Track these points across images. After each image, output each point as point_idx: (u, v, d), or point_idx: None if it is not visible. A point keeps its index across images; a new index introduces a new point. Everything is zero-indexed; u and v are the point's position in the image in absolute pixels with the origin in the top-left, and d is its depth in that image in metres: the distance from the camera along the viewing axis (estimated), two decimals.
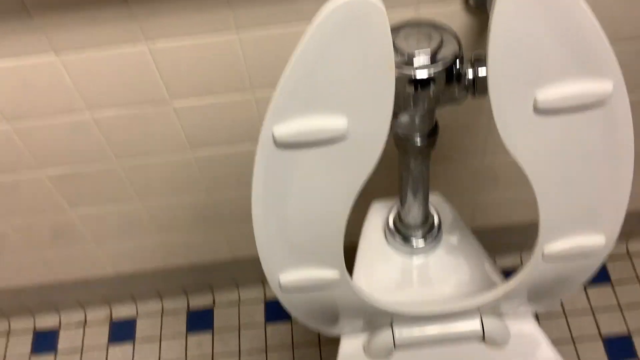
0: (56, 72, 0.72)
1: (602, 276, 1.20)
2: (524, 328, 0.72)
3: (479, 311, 0.70)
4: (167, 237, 1.03)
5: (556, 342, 1.13)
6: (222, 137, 0.83)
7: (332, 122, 0.48)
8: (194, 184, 0.91)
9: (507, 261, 1.23)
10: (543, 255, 0.59)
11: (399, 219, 0.77)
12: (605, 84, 0.47)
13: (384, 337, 0.70)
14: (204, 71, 0.73)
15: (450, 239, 0.79)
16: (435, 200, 0.81)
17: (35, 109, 0.77)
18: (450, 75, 0.54)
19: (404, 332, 0.70)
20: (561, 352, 1.12)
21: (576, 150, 0.51)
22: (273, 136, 0.49)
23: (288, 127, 0.48)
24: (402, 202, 0.73)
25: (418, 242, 0.77)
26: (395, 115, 0.60)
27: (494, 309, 0.70)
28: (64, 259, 1.06)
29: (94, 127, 0.80)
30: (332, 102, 0.47)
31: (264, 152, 0.50)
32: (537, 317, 1.17)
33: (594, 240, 0.58)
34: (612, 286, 1.20)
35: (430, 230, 0.78)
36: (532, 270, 0.62)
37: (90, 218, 0.97)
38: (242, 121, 0.80)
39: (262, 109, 0.78)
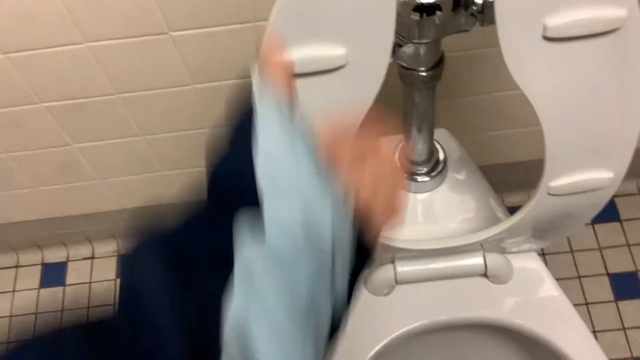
0: (53, 4, 0.70)
1: (611, 214, 1.19)
2: (528, 264, 0.72)
3: (482, 247, 0.70)
4: (171, 173, 1.03)
5: (562, 279, 1.14)
6: (224, 69, 0.81)
7: (330, 51, 0.46)
8: (195, 117, 0.90)
9: (515, 199, 1.22)
10: (549, 189, 0.58)
11: (403, 154, 0.75)
12: (619, 10, 0.44)
13: (385, 272, 0.70)
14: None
15: (456, 175, 0.77)
16: (442, 136, 0.79)
17: (33, 42, 0.75)
18: (458, 1, 0.52)
19: (405, 268, 0.70)
20: (567, 287, 1.12)
21: (587, 81, 0.49)
22: None
23: (286, 56, 0.46)
24: (407, 138, 0.72)
25: (423, 178, 0.75)
26: (400, 45, 0.58)
27: (498, 245, 0.70)
28: (69, 194, 1.06)
29: (92, 60, 0.78)
30: (329, 30, 0.45)
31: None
32: (543, 254, 1.17)
33: (602, 175, 0.57)
34: (621, 224, 1.19)
35: (436, 167, 0.76)
36: (537, 205, 0.60)
37: (94, 153, 0.96)
38: (244, 52, 0.78)
39: None
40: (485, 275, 0.71)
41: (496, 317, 0.68)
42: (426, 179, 0.76)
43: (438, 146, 0.78)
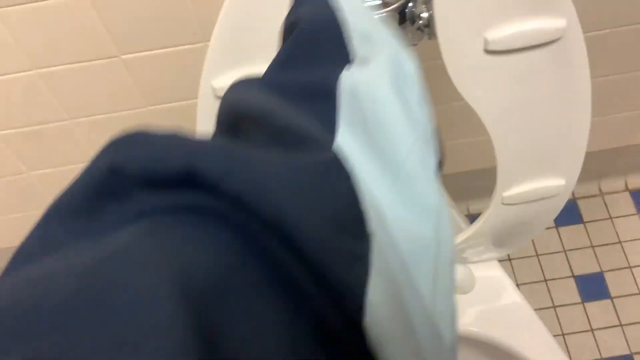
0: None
1: (574, 216, 1.21)
2: (489, 273, 0.72)
3: None
4: None
5: (529, 283, 1.15)
6: (179, 90, 0.80)
7: None
8: None
9: (482, 205, 1.23)
10: (503, 199, 0.58)
11: None
12: (558, 21, 0.45)
13: None
14: (151, 22, 0.70)
15: None
16: None
17: None
18: (403, 16, 0.52)
19: None
20: (534, 291, 1.13)
21: (530, 91, 0.49)
22: (213, 89, 0.46)
23: (226, 81, 0.46)
24: None
25: None
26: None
27: (459, 256, 0.70)
28: (28, 222, 1.04)
29: (43, 87, 0.77)
30: (267, 53, 0.45)
31: (205, 104, 0.48)
32: (509, 259, 1.18)
33: (554, 182, 0.57)
34: (584, 226, 1.20)
35: None
36: (493, 214, 0.61)
37: (51, 180, 0.95)
38: (197, 72, 0.77)
39: None
40: None
41: (461, 328, 0.68)
42: None
43: None
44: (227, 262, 0.19)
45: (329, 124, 0.23)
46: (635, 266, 1.15)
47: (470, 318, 0.68)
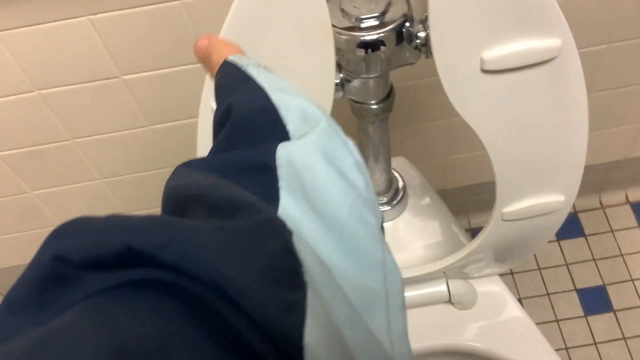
0: (0, 53, 0.69)
1: (575, 230, 1.21)
2: (491, 288, 0.72)
3: (444, 274, 0.70)
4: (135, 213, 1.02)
5: (531, 297, 1.14)
6: (180, 109, 0.81)
7: None
8: (154, 158, 0.89)
9: (483, 219, 1.23)
10: (503, 215, 0.59)
11: None
12: (554, 40, 0.46)
13: None
14: (151, 43, 0.71)
15: (417, 202, 0.78)
16: (399, 165, 0.80)
17: None
18: (401, 36, 0.53)
19: None
20: (536, 305, 1.13)
21: (527, 109, 0.49)
22: (212, 108, 0.47)
23: None
24: None
25: (384, 208, 0.76)
26: (349, 80, 0.59)
27: (460, 272, 0.70)
28: (30, 241, 1.04)
29: (45, 107, 0.77)
30: (271, 66, 0.46)
31: (205, 123, 0.49)
32: (511, 273, 1.18)
33: (553, 199, 0.58)
34: (586, 239, 1.20)
35: (395, 195, 0.77)
36: (493, 231, 0.61)
37: (53, 199, 0.95)
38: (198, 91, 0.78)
39: None
40: (449, 302, 0.71)
41: (461, 344, 0.68)
42: (387, 208, 0.76)
43: (397, 174, 0.78)
44: (168, 327, 0.20)
45: (272, 193, 0.26)
46: (637, 279, 1.15)
47: (472, 333, 0.68)
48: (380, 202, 0.75)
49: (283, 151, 0.27)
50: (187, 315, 0.21)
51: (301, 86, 0.47)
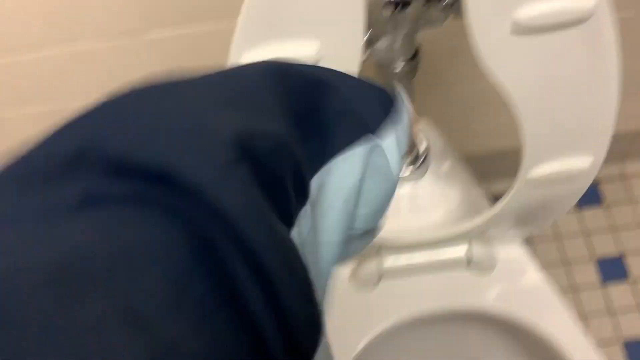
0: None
1: (595, 198, 1.20)
2: (512, 253, 0.72)
3: (466, 238, 0.70)
4: None
5: (548, 265, 1.14)
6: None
7: (302, 47, 0.46)
8: None
9: (502, 186, 1.22)
10: (528, 179, 0.58)
11: None
12: (587, 1, 0.45)
13: (370, 265, 0.70)
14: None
15: (439, 166, 0.78)
16: (424, 127, 0.80)
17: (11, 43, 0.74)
18: None
19: (390, 261, 0.70)
20: (552, 274, 1.13)
21: (558, 70, 0.49)
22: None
23: (256, 55, 0.46)
24: None
25: (404, 171, 0.76)
26: (374, 40, 0.58)
27: (481, 235, 0.70)
28: None
29: (69, 63, 0.77)
30: (300, 26, 0.45)
31: None
32: (529, 240, 1.17)
33: (580, 162, 0.57)
34: (606, 208, 1.19)
35: (418, 158, 0.76)
36: (517, 194, 0.61)
37: None
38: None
39: None
40: (469, 265, 0.71)
41: (482, 307, 0.69)
42: (408, 171, 0.76)
43: (421, 136, 0.78)
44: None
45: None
46: None
47: (492, 297, 0.69)
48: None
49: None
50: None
51: (329, 44, 0.47)
